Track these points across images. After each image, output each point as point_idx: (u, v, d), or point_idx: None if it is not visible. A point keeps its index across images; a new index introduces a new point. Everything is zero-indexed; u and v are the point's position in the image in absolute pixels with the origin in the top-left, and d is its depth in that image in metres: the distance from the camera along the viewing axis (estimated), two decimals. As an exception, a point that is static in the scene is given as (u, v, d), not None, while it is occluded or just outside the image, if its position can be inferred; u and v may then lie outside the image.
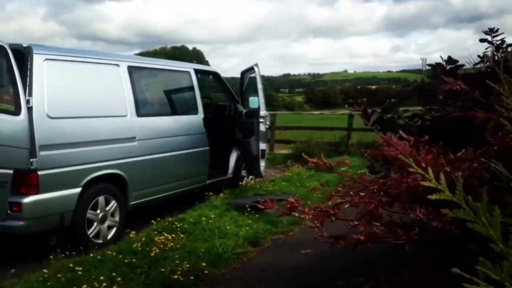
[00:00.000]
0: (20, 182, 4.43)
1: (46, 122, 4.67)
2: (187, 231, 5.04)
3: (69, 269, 3.92)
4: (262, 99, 7.24)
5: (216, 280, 4.07)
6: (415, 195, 1.87)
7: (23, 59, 4.59)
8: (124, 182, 5.57)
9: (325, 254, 4.25)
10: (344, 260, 4.15)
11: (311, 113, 20.65)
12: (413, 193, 1.88)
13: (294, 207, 2.08)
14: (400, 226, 1.97)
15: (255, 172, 7.50)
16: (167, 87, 7.19)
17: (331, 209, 1.99)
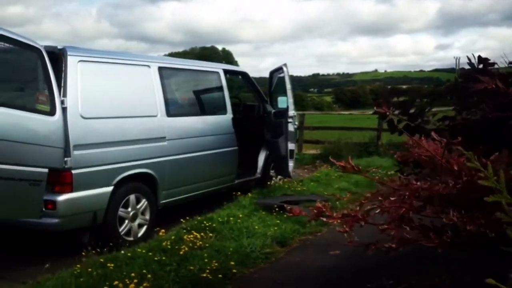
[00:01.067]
0: (54, 181, 4.56)
1: (80, 122, 4.79)
2: (216, 230, 5.07)
3: (101, 265, 4.00)
4: (291, 99, 7.23)
5: (244, 280, 4.08)
6: (448, 199, 1.83)
7: (58, 61, 4.72)
8: (154, 181, 5.66)
9: (354, 255, 4.20)
10: (374, 261, 4.09)
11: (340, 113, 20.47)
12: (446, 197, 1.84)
13: (321, 212, 2.07)
14: (432, 230, 1.94)
15: (283, 172, 7.49)
16: (196, 87, 7.26)
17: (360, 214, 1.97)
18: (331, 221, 1.99)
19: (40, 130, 4.32)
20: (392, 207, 1.93)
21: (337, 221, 1.98)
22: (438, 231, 1.92)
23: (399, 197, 1.97)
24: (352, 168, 2.01)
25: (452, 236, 1.84)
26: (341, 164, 2.05)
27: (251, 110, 8.37)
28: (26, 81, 4.51)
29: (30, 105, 4.33)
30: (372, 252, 1.99)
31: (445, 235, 1.87)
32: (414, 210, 1.96)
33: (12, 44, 4.26)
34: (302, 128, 12.95)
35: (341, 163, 2.06)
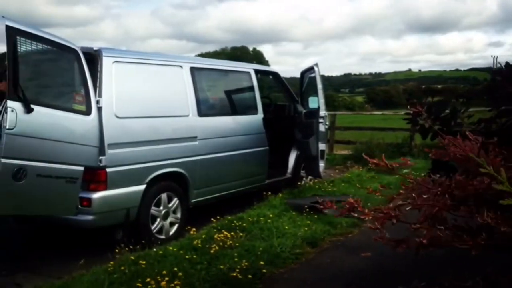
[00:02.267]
0: (90, 179, 4.68)
1: (114, 121, 4.90)
2: (246, 230, 5.09)
3: (133, 263, 4.08)
4: (322, 99, 7.18)
5: (274, 280, 4.08)
6: (483, 198, 1.77)
7: (94, 61, 4.85)
8: (185, 180, 5.73)
9: (385, 257, 4.14)
10: (406, 264, 4.02)
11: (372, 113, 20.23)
12: (481, 196, 1.79)
13: (353, 207, 2.05)
14: (466, 231, 1.89)
15: (314, 172, 7.45)
16: (227, 87, 7.31)
17: (392, 211, 1.93)
18: (363, 217, 1.96)
19: (76, 129, 4.45)
20: (425, 205, 1.88)
21: (368, 217, 1.95)
22: (472, 232, 1.86)
23: (432, 195, 1.92)
24: (386, 166, 1.98)
25: (487, 238, 1.79)
26: (374, 161, 2.02)
27: (282, 110, 8.36)
28: (63, 82, 4.65)
29: (67, 105, 4.47)
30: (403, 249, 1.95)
31: (480, 236, 1.81)
32: (448, 209, 1.91)
33: (51, 46, 4.41)
34: (333, 128, 12.85)
35: (374, 160, 2.02)
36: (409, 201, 1.96)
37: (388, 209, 1.96)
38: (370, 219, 1.99)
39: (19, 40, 4.02)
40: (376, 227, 1.97)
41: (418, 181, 2.13)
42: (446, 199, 1.94)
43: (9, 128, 3.86)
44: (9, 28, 3.96)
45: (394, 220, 1.93)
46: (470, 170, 1.74)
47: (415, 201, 1.93)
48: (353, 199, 2.07)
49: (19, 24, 4.08)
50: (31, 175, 4.03)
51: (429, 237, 1.85)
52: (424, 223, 1.91)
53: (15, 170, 3.92)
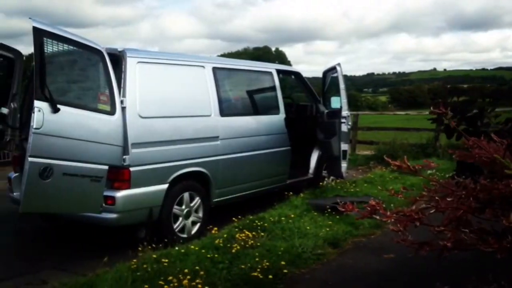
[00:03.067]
0: (114, 177, 4.75)
1: (138, 121, 4.97)
2: (267, 230, 5.09)
3: (156, 261, 4.12)
4: (345, 99, 7.12)
5: (295, 280, 4.07)
6: (509, 201, 1.73)
7: (118, 62, 4.92)
8: (207, 180, 5.77)
9: (409, 259, 4.07)
10: (429, 266, 3.96)
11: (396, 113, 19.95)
12: (507, 199, 1.75)
13: (375, 209, 2.02)
14: (491, 234, 1.84)
15: (336, 172, 7.40)
16: (249, 87, 7.32)
17: (415, 213, 1.90)
18: (385, 220, 1.93)
19: (101, 129, 4.52)
20: (449, 208, 1.85)
21: (391, 220, 1.92)
22: (498, 235, 1.82)
23: (456, 197, 1.89)
24: (408, 168, 1.95)
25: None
26: (396, 163, 1.99)
27: (304, 110, 8.33)
28: (88, 82, 4.73)
29: (92, 105, 4.55)
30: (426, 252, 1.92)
31: (505, 239, 1.77)
32: (472, 211, 1.87)
33: (76, 47, 4.49)
34: (356, 128, 12.74)
35: (396, 162, 1.99)
36: (433, 204, 1.92)
37: (411, 212, 1.92)
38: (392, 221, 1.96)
39: (45, 41, 4.11)
40: (398, 229, 1.94)
41: (441, 184, 2.09)
42: (471, 202, 1.90)
43: (36, 127, 3.95)
44: (36, 29, 4.05)
45: (417, 222, 1.90)
46: (496, 172, 1.70)
47: (439, 204, 1.89)
48: (375, 201, 2.04)
49: (46, 26, 4.17)
50: (57, 174, 4.11)
51: (453, 240, 1.82)
52: (448, 226, 1.87)
53: (42, 169, 4.01)
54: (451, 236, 1.86)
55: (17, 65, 5.52)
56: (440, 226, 1.90)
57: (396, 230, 1.96)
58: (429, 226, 1.91)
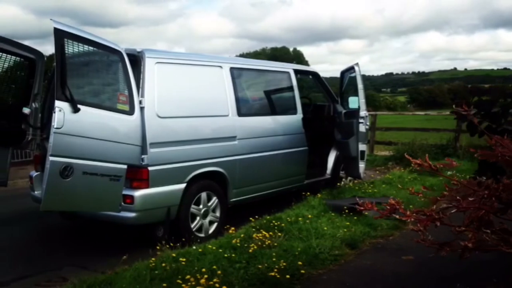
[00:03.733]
0: (132, 177, 4.80)
1: (156, 121, 5.01)
2: (284, 230, 5.08)
3: (174, 260, 4.15)
4: (363, 99, 7.07)
5: (312, 280, 4.05)
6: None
7: (137, 62, 4.97)
8: (225, 180, 5.78)
9: (428, 261, 4.03)
10: (449, 268, 3.91)
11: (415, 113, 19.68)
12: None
13: (394, 209, 1.99)
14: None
15: (354, 173, 7.34)
16: (267, 87, 7.32)
17: (436, 213, 1.87)
18: (405, 219, 1.90)
19: (120, 128, 4.57)
20: (471, 208, 1.81)
21: (410, 219, 1.89)
22: (522, 236, 1.78)
23: (478, 197, 1.85)
24: (429, 167, 1.91)
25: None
26: (417, 162, 1.96)
27: (322, 110, 8.30)
28: (108, 82, 4.78)
29: (112, 105, 4.59)
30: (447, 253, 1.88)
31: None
32: (495, 212, 1.84)
33: (96, 47, 4.55)
34: (374, 128, 12.63)
35: (416, 161, 1.96)
36: (454, 204, 1.88)
37: (431, 211, 1.89)
38: (412, 221, 1.92)
39: (66, 42, 4.17)
40: (418, 229, 1.91)
41: (463, 183, 2.05)
42: (493, 202, 1.86)
43: (57, 127, 4.01)
44: (57, 30, 4.11)
45: (438, 222, 1.87)
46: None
47: (460, 203, 1.85)
48: (395, 200, 2.01)
49: (67, 27, 4.23)
50: (77, 173, 4.17)
51: (475, 241, 1.78)
52: (469, 226, 1.84)
53: (62, 168, 4.07)
54: (472, 236, 1.82)
55: (39, 66, 5.62)
56: (461, 226, 1.86)
57: (416, 229, 1.93)
58: (450, 226, 1.87)
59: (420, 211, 1.95)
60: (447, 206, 1.93)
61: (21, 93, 5.65)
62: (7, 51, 5.35)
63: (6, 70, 5.53)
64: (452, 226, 1.86)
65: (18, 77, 5.69)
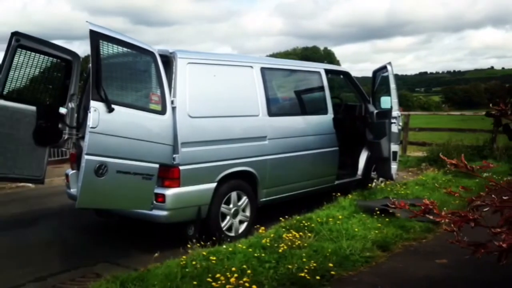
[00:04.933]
0: (164, 176, 4.87)
1: (188, 121, 5.06)
2: (315, 230, 5.05)
3: (204, 258, 4.19)
4: (395, 99, 6.95)
5: (343, 282, 4.01)
6: None
7: (169, 63, 5.04)
8: (255, 179, 5.80)
9: (463, 265, 3.93)
10: (485, 273, 3.79)
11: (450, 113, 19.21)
12: None
13: (428, 209, 1.95)
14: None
15: (386, 174, 7.23)
16: (297, 87, 7.29)
17: (471, 214, 1.81)
18: (439, 220, 1.86)
19: (152, 128, 4.65)
20: (506, 207, 1.75)
21: (444, 220, 1.84)
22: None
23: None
24: (465, 167, 1.86)
25: None
26: (453, 162, 1.90)
27: (353, 110, 8.20)
28: (141, 83, 4.87)
29: (144, 105, 4.67)
30: (482, 255, 1.83)
31: None
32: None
33: (130, 49, 4.64)
34: (407, 129, 12.40)
35: (452, 161, 1.91)
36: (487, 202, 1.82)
37: (466, 212, 1.84)
38: (446, 221, 1.87)
39: (101, 44, 4.27)
40: (452, 229, 1.85)
41: (501, 184, 1.98)
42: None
43: (92, 126, 4.11)
44: (92, 32, 4.21)
45: (473, 223, 1.81)
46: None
47: (494, 202, 1.79)
48: (429, 201, 1.96)
49: (102, 29, 4.33)
50: (111, 171, 4.26)
51: (510, 242, 1.72)
52: (503, 227, 1.77)
53: (97, 166, 4.17)
54: (506, 237, 1.75)
55: (75, 67, 5.78)
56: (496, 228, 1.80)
57: (450, 230, 1.88)
58: (486, 227, 1.82)
59: (455, 212, 1.90)
60: (480, 204, 1.87)
61: (58, 93, 5.82)
62: (45, 53, 5.52)
63: (44, 71, 5.71)
64: (487, 228, 1.80)
65: (55, 78, 5.87)
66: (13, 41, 5.22)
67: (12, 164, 5.52)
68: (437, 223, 5.25)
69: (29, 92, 5.69)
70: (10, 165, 5.52)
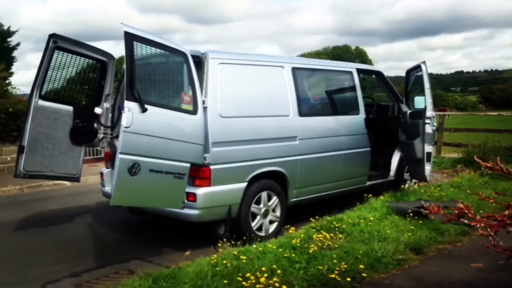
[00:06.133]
0: (195, 175, 4.92)
1: (219, 121, 5.10)
2: (345, 232, 5.00)
3: (235, 257, 4.21)
4: (429, 99, 6.79)
5: (374, 284, 3.96)
6: None
7: (201, 63, 5.09)
8: (285, 180, 5.78)
9: (500, 269, 3.81)
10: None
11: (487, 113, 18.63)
12: None
13: (463, 213, 1.90)
14: None
15: (419, 175, 7.08)
16: (328, 87, 7.23)
17: (508, 218, 1.76)
18: (474, 224, 1.80)
19: (184, 128, 4.70)
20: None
21: (480, 225, 1.79)
22: None
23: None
24: (501, 170, 1.80)
25: None
26: (488, 165, 1.85)
27: (385, 110, 8.08)
28: (173, 83, 4.93)
29: (177, 105, 4.74)
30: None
31: None
32: None
33: (163, 50, 4.71)
34: (442, 129, 12.11)
35: (487, 164, 1.85)
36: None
37: (503, 216, 1.78)
38: (482, 226, 1.82)
39: (135, 45, 4.35)
40: (489, 234, 1.80)
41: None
42: None
43: (126, 126, 4.19)
44: (127, 34, 4.30)
45: (510, 228, 1.75)
46: None
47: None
48: (463, 204, 1.91)
49: (136, 30, 4.42)
50: (144, 170, 4.34)
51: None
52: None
53: (130, 165, 4.25)
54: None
55: (110, 68, 5.91)
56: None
57: (486, 235, 1.82)
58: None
59: (491, 216, 1.84)
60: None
61: (94, 93, 5.98)
62: (81, 54, 5.67)
63: (80, 72, 5.87)
64: (527, 233, 1.75)
65: (91, 78, 6.03)
66: (50, 43, 5.38)
67: (49, 162, 5.71)
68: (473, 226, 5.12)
69: (66, 93, 5.87)
70: (48, 163, 5.70)
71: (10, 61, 19.96)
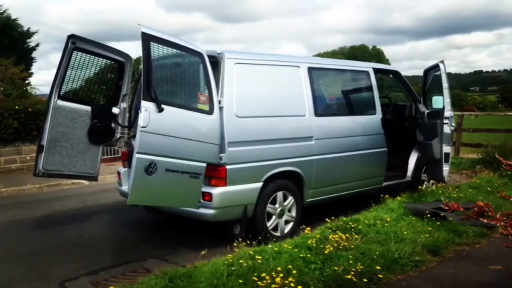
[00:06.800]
0: (211, 175, 4.94)
1: (235, 121, 5.11)
2: (362, 232, 4.96)
3: (250, 257, 4.21)
4: (448, 99, 6.71)
5: (391, 286, 3.92)
6: None
7: (217, 63, 5.11)
8: (301, 180, 5.77)
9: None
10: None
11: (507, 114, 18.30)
12: None
13: (482, 211, 1.87)
14: None
15: (437, 176, 7.00)
16: (345, 87, 7.19)
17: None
18: (494, 222, 1.78)
19: (200, 128, 4.72)
20: None
21: (499, 223, 1.76)
22: None
23: None
24: (521, 171, 1.77)
25: None
26: (509, 162, 1.81)
27: (402, 110, 8.00)
28: (190, 83, 4.96)
29: (193, 105, 4.76)
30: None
31: None
32: None
33: (179, 50, 4.74)
34: (460, 130, 11.95)
35: (509, 162, 1.82)
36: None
37: (524, 217, 1.75)
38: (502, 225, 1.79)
39: (152, 45, 4.39)
40: (509, 233, 1.77)
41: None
42: None
43: (143, 126, 4.23)
44: (144, 34, 4.34)
45: (531, 229, 1.72)
46: None
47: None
48: (483, 203, 1.88)
49: (153, 31, 4.45)
50: (160, 170, 4.37)
51: None
52: None
53: (147, 165, 4.29)
54: None
55: (127, 68, 5.98)
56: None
57: (506, 234, 1.79)
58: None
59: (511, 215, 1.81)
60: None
61: (111, 94, 6.05)
62: (99, 55, 5.75)
63: (98, 73, 5.95)
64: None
65: (109, 79, 6.10)
66: (69, 43, 5.47)
67: (67, 161, 5.79)
68: (491, 227, 5.03)
69: (84, 93, 5.95)
70: (66, 162, 5.79)
71: (30, 61, 20.33)
